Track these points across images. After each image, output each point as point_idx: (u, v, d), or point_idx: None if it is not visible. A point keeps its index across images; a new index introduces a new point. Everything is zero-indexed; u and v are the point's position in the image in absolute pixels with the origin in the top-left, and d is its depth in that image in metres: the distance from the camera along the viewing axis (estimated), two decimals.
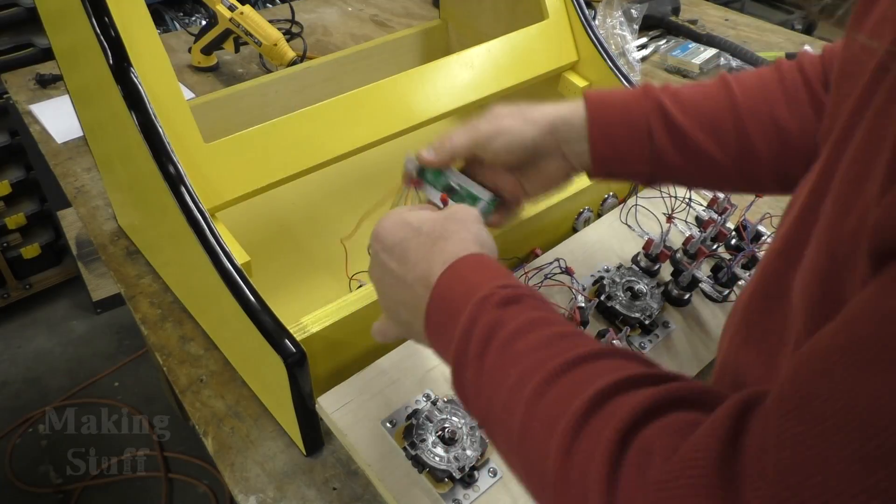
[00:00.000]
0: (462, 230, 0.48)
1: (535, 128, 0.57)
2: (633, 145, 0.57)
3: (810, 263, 0.33)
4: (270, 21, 1.26)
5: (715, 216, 0.81)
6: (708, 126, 0.56)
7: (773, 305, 0.39)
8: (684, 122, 0.56)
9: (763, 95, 0.57)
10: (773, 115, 0.56)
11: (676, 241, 0.79)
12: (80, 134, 1.14)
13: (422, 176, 0.62)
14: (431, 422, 0.58)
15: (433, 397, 0.62)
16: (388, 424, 0.61)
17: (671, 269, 0.76)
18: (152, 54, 0.66)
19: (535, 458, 0.34)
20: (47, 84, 1.31)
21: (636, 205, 0.83)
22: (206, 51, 1.31)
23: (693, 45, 1.41)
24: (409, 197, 0.63)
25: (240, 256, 0.64)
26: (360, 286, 0.67)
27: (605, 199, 0.86)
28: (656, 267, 0.76)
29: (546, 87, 0.98)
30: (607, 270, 0.76)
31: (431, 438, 0.57)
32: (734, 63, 1.34)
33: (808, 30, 2.88)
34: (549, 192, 0.63)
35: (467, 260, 0.45)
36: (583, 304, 0.68)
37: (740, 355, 0.43)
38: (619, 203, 0.86)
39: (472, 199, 0.61)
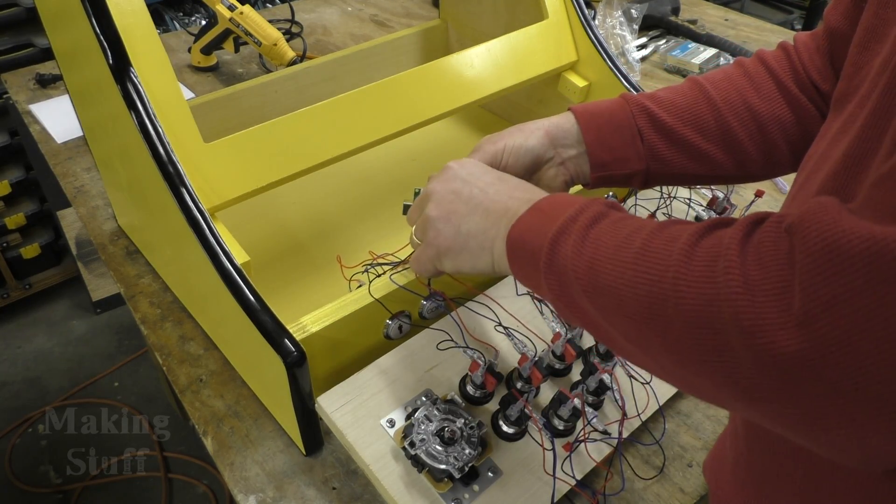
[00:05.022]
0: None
1: (535, 136, 0.62)
2: (626, 147, 0.62)
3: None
4: (270, 21, 1.26)
5: (714, 216, 0.81)
6: (689, 119, 0.62)
7: None
8: (668, 119, 0.61)
9: (733, 86, 0.62)
10: (745, 102, 0.61)
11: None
12: (80, 134, 1.14)
13: None
14: (431, 421, 0.58)
15: (433, 397, 0.62)
16: (387, 424, 0.61)
17: None
18: (152, 54, 0.66)
19: (656, 264, 0.37)
20: (47, 84, 1.31)
21: (636, 204, 0.83)
22: (206, 51, 1.31)
23: (693, 45, 1.41)
24: None
25: (240, 256, 0.64)
26: (360, 286, 0.67)
27: (605, 199, 0.86)
28: None
29: (546, 87, 0.98)
30: None
31: (431, 438, 0.57)
32: None
33: (807, 29, 2.88)
34: None
35: (566, 194, 0.50)
36: None
37: None
38: (619, 202, 0.86)
39: None
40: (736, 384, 0.34)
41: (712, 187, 0.86)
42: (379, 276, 0.67)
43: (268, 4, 2.00)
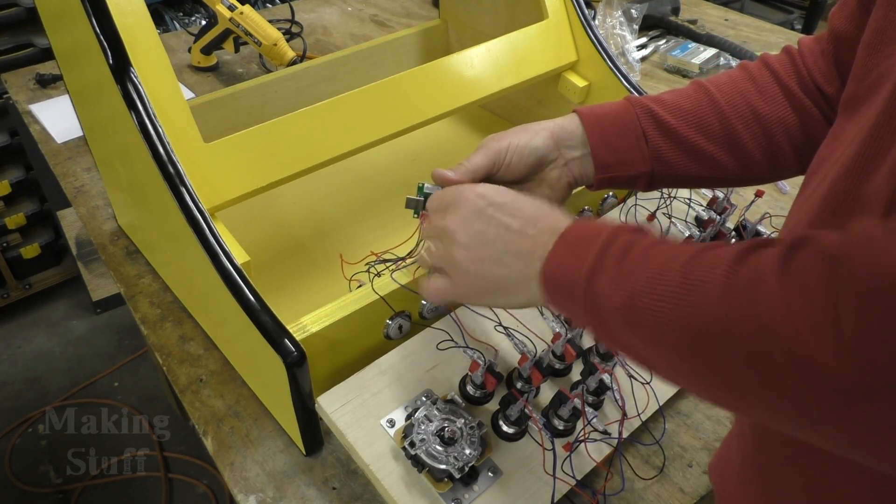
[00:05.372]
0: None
1: (539, 136, 0.62)
2: (630, 149, 0.62)
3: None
4: (270, 21, 1.26)
5: (715, 216, 0.81)
6: (694, 122, 0.61)
7: (843, 220, 0.42)
8: (672, 122, 0.61)
9: (737, 90, 0.62)
10: (750, 105, 0.61)
11: (676, 240, 0.79)
12: (80, 134, 1.14)
13: (426, 208, 0.62)
14: (431, 421, 0.58)
15: (433, 397, 0.62)
16: (387, 424, 0.61)
17: None
18: (152, 54, 0.66)
19: (698, 298, 0.37)
20: (47, 84, 1.31)
21: (636, 205, 0.83)
22: (206, 51, 1.31)
23: (693, 45, 1.41)
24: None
25: (240, 256, 0.64)
26: (360, 286, 0.67)
27: (604, 199, 0.86)
28: None
29: (546, 87, 0.98)
30: None
31: (431, 438, 0.57)
32: (734, 63, 1.34)
33: (807, 29, 2.88)
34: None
35: (590, 220, 0.49)
36: None
37: None
38: (619, 203, 0.86)
39: None
40: (796, 413, 0.34)
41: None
42: (378, 274, 0.67)
43: (268, 4, 2.00)
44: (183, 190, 0.64)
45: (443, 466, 0.56)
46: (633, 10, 1.40)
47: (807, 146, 0.61)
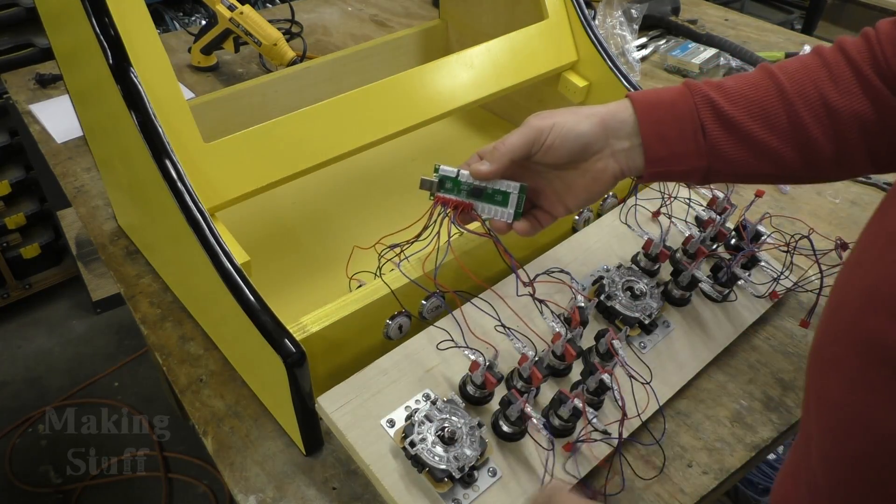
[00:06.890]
0: None
1: (588, 121, 0.58)
2: (686, 142, 0.57)
3: None
4: (270, 21, 1.26)
5: (715, 216, 0.81)
6: (759, 114, 0.56)
7: None
8: (735, 113, 0.56)
9: (808, 78, 0.57)
10: (821, 96, 0.56)
11: (676, 240, 0.79)
12: (80, 134, 1.14)
13: (441, 189, 0.61)
14: (431, 421, 0.58)
15: (433, 397, 0.62)
16: (387, 424, 0.61)
17: (671, 268, 0.76)
18: (152, 54, 0.66)
19: None
20: (47, 84, 1.31)
21: (636, 204, 0.83)
22: (206, 51, 1.31)
23: (693, 44, 1.41)
24: (441, 220, 0.61)
25: (240, 256, 0.64)
26: (360, 286, 0.67)
27: (604, 199, 0.86)
28: (656, 266, 0.76)
29: (546, 86, 0.98)
30: (607, 270, 0.76)
31: (431, 438, 0.57)
32: (734, 63, 1.34)
33: (807, 29, 2.88)
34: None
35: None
36: (582, 304, 0.68)
37: None
38: (619, 203, 0.86)
39: (502, 195, 0.60)
40: None
41: (712, 187, 0.86)
42: (396, 266, 0.67)
43: (268, 4, 2.00)
44: (183, 190, 0.64)
45: (443, 466, 0.56)
46: (633, 10, 1.40)
47: (882, 141, 0.55)
